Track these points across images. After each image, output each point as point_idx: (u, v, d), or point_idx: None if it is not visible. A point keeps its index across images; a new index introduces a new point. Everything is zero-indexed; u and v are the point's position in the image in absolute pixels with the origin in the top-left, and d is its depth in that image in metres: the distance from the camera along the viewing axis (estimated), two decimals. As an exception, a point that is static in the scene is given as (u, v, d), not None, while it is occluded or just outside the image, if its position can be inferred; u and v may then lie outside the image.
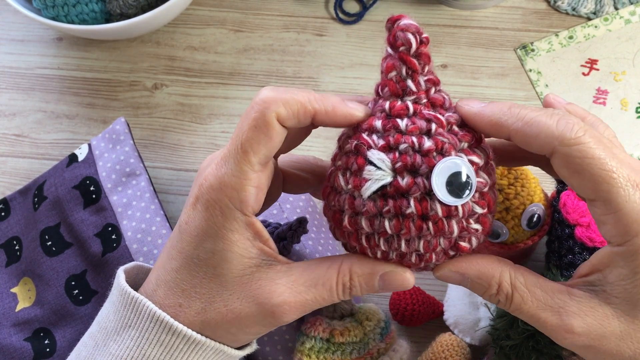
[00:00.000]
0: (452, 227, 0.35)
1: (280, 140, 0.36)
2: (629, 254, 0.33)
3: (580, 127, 0.33)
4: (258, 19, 0.69)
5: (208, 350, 0.38)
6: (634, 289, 0.34)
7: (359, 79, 0.66)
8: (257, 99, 0.36)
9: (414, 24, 0.36)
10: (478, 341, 0.50)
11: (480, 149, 0.37)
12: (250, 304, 0.36)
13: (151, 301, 0.38)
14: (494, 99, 0.64)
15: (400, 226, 0.35)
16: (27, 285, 0.54)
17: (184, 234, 0.37)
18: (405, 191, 0.35)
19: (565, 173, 0.34)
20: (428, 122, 0.36)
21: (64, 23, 0.62)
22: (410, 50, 0.36)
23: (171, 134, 0.64)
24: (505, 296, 0.37)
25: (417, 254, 0.36)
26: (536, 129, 0.34)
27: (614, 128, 0.61)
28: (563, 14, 0.67)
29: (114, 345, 0.38)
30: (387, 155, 0.35)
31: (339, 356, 0.45)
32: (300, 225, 0.46)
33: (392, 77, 0.36)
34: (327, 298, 0.37)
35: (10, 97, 0.67)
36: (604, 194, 0.33)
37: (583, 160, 0.33)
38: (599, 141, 0.33)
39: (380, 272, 0.37)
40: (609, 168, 0.33)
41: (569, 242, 0.49)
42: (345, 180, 0.36)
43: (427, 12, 0.68)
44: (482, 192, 0.36)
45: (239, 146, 0.36)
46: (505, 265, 0.37)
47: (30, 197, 0.58)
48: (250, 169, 0.36)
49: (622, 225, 0.33)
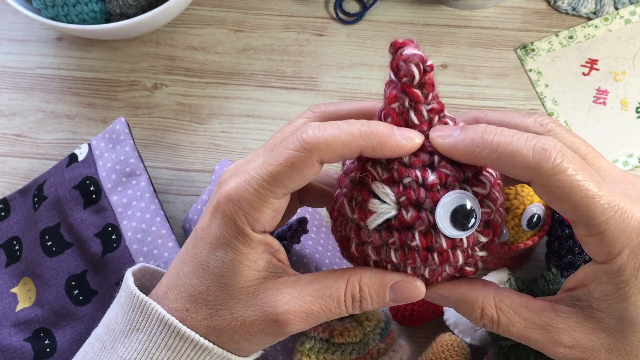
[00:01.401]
0: (457, 257, 0.36)
1: (314, 177, 0.35)
2: (612, 271, 0.33)
3: (557, 153, 0.32)
4: (258, 19, 0.69)
5: (215, 357, 0.38)
6: (618, 304, 0.34)
7: (359, 79, 0.66)
8: (303, 138, 0.34)
9: (418, 54, 0.34)
10: (478, 341, 0.50)
11: (486, 174, 0.36)
12: (254, 311, 0.36)
13: (161, 305, 0.38)
14: (494, 98, 0.64)
15: (406, 257, 0.36)
16: (27, 285, 0.54)
17: (199, 240, 0.38)
18: (410, 225, 0.35)
19: (547, 200, 0.34)
20: (431, 154, 0.35)
21: (63, 23, 0.62)
22: (414, 82, 0.35)
23: (171, 134, 0.64)
24: (490, 320, 0.37)
25: (423, 278, 0.37)
26: (512, 160, 0.33)
27: (613, 128, 0.61)
28: (563, 13, 0.67)
29: (121, 348, 0.38)
30: (391, 188, 0.35)
31: (339, 356, 0.45)
32: (300, 225, 0.46)
33: (394, 107, 0.36)
34: (334, 310, 0.37)
35: (10, 97, 0.67)
36: (585, 218, 0.33)
37: (562, 190, 0.32)
38: (578, 165, 0.33)
39: (391, 282, 0.37)
40: (589, 194, 0.32)
41: (569, 242, 0.49)
42: (351, 209, 0.36)
43: (427, 12, 0.68)
44: (488, 220, 0.36)
45: (269, 174, 0.35)
46: (489, 289, 0.37)
47: (30, 197, 0.58)
48: (274, 197, 0.35)
49: (604, 245, 0.33)
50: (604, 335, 0.35)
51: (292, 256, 0.50)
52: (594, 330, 0.35)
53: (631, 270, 0.33)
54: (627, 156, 0.60)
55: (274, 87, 0.66)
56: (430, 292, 0.38)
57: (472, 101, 0.64)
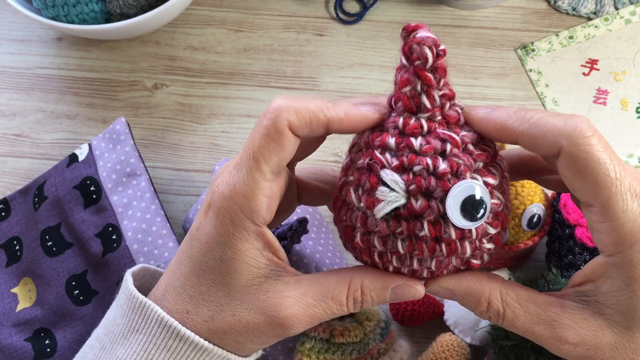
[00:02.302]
0: (465, 249, 0.35)
1: (292, 150, 0.36)
2: (622, 265, 0.33)
3: (589, 127, 0.32)
4: (258, 19, 0.69)
5: (215, 357, 0.38)
6: (627, 300, 0.33)
7: (359, 79, 0.66)
8: (269, 108, 0.35)
9: (432, 37, 0.34)
10: (478, 341, 0.50)
11: (496, 165, 0.36)
12: (258, 315, 0.36)
13: (160, 306, 0.38)
14: (494, 99, 0.64)
15: (413, 247, 0.35)
16: (28, 285, 0.54)
17: (195, 240, 0.37)
18: (419, 214, 0.34)
19: (569, 174, 0.33)
20: (443, 142, 0.35)
21: (64, 23, 0.62)
22: (427, 65, 0.34)
23: (171, 134, 0.64)
24: (496, 313, 0.37)
25: (429, 271, 0.36)
26: (543, 128, 0.33)
27: (614, 128, 0.62)
28: (563, 13, 0.67)
29: (121, 349, 0.38)
30: (400, 176, 0.34)
31: (339, 356, 0.45)
32: (300, 225, 0.46)
33: (406, 91, 0.35)
34: (336, 311, 0.37)
35: (10, 97, 0.67)
36: (602, 200, 0.32)
37: (588, 162, 0.32)
38: (606, 145, 0.33)
39: (392, 286, 0.37)
40: (613, 175, 0.32)
41: (569, 242, 0.49)
42: (357, 197, 0.35)
43: (427, 12, 0.68)
44: (497, 212, 0.36)
45: (251, 155, 0.35)
46: (495, 281, 0.37)
47: (30, 197, 0.58)
48: (262, 177, 0.35)
49: (616, 235, 0.33)
50: (610, 332, 0.34)
51: (292, 256, 0.50)
52: (600, 327, 0.34)
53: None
54: (627, 156, 0.60)
55: (274, 87, 0.66)
56: (435, 286, 0.37)
57: (472, 101, 0.64)
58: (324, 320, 0.37)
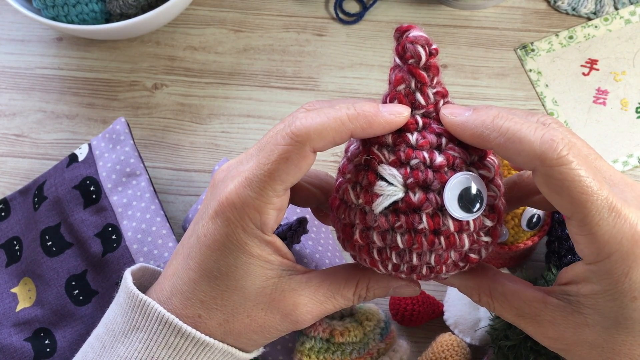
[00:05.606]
0: (464, 241, 0.35)
1: (310, 166, 0.36)
2: (600, 273, 0.34)
3: (565, 145, 0.32)
4: (258, 19, 0.69)
5: (216, 352, 0.38)
6: (605, 303, 0.34)
7: (359, 79, 0.66)
8: (293, 129, 0.35)
9: (424, 36, 0.35)
10: (478, 341, 0.50)
11: (490, 159, 0.37)
12: (275, 314, 0.38)
13: (166, 309, 0.38)
14: (494, 99, 0.64)
15: (412, 241, 0.35)
16: (28, 285, 0.54)
17: (203, 246, 0.38)
18: (417, 207, 0.35)
19: (545, 191, 0.34)
20: (438, 136, 0.35)
21: (64, 23, 0.62)
22: (420, 63, 0.35)
23: (171, 134, 0.64)
24: (486, 305, 0.39)
25: (428, 267, 0.37)
26: (518, 146, 0.33)
27: (614, 128, 0.61)
28: (563, 14, 0.67)
29: (121, 347, 0.38)
30: (398, 170, 0.35)
31: (339, 356, 0.45)
32: (300, 225, 0.46)
33: (401, 90, 0.36)
34: (343, 305, 0.40)
35: (10, 97, 0.67)
36: (579, 215, 0.33)
37: (563, 182, 0.32)
38: (583, 159, 0.33)
39: (394, 287, 0.40)
40: (588, 191, 0.32)
41: (569, 242, 0.49)
42: (355, 194, 0.36)
43: (427, 12, 0.68)
44: (493, 204, 0.36)
45: (267, 173, 0.35)
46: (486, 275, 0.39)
47: (30, 197, 0.58)
48: (275, 195, 0.36)
49: (594, 246, 0.33)
50: (588, 330, 0.35)
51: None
52: (579, 325, 0.35)
53: (619, 276, 0.33)
54: (627, 156, 0.60)
55: (274, 87, 0.66)
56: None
57: (472, 101, 0.64)
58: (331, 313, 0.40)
